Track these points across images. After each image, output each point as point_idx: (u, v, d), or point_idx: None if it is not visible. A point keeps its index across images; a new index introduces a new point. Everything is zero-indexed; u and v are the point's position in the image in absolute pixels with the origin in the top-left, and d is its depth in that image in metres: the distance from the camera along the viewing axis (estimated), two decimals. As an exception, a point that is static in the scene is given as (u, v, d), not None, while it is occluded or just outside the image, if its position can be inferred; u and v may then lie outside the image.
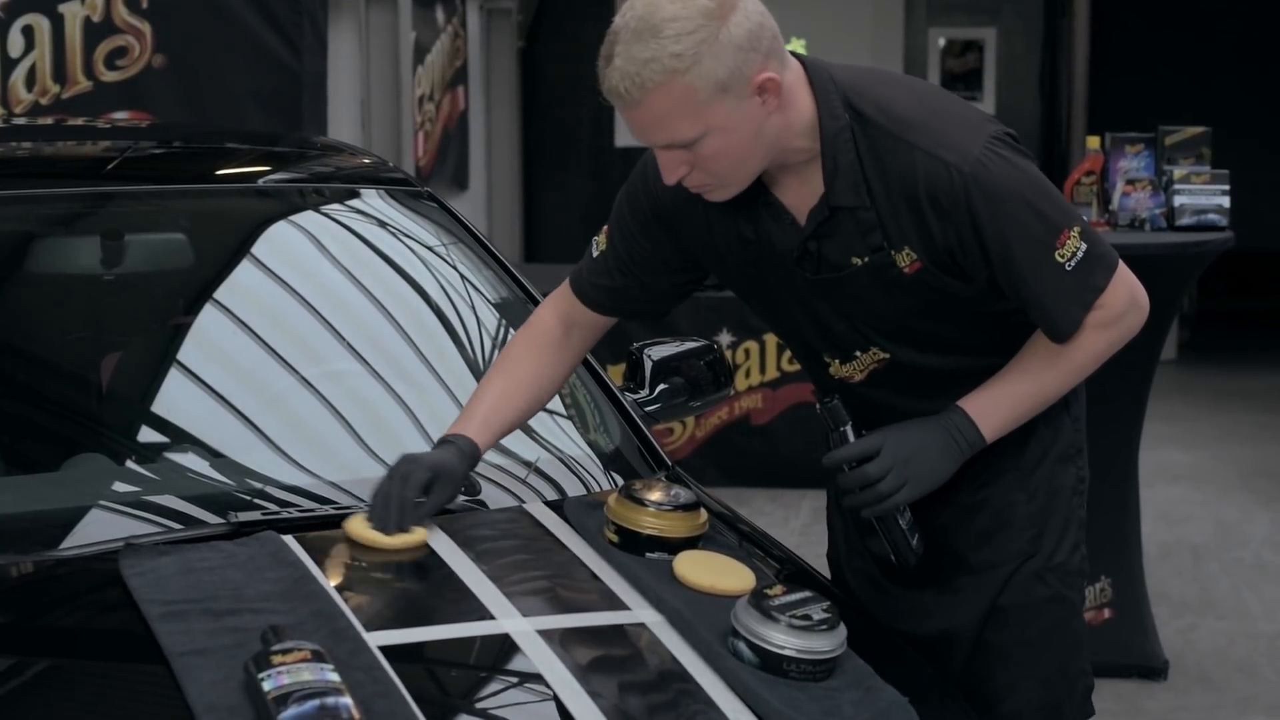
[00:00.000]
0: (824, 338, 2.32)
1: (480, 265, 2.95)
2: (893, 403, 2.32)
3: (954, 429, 2.25)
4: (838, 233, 2.20)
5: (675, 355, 3.00)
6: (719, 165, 2.12)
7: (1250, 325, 11.38)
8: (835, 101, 2.17)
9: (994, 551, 2.38)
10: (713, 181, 2.16)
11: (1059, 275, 2.17)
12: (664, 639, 2.00)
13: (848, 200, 2.18)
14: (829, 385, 2.38)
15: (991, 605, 2.38)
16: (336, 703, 1.70)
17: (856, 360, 2.31)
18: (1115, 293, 2.23)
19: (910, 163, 2.14)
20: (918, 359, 2.30)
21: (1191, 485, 6.88)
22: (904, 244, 2.18)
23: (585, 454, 2.61)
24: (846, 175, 2.17)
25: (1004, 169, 2.15)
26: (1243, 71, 12.42)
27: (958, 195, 2.13)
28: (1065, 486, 2.41)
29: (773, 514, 6.20)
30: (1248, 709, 4.44)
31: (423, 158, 8.19)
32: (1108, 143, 4.66)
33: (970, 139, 2.16)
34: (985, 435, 2.26)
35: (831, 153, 2.16)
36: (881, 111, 2.17)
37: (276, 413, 2.58)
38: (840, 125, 2.16)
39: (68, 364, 2.71)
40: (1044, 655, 2.39)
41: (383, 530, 2.16)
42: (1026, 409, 2.29)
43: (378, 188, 3.01)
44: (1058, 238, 2.17)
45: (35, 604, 2.13)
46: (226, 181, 3.04)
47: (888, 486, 2.23)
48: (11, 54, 5.65)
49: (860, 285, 2.22)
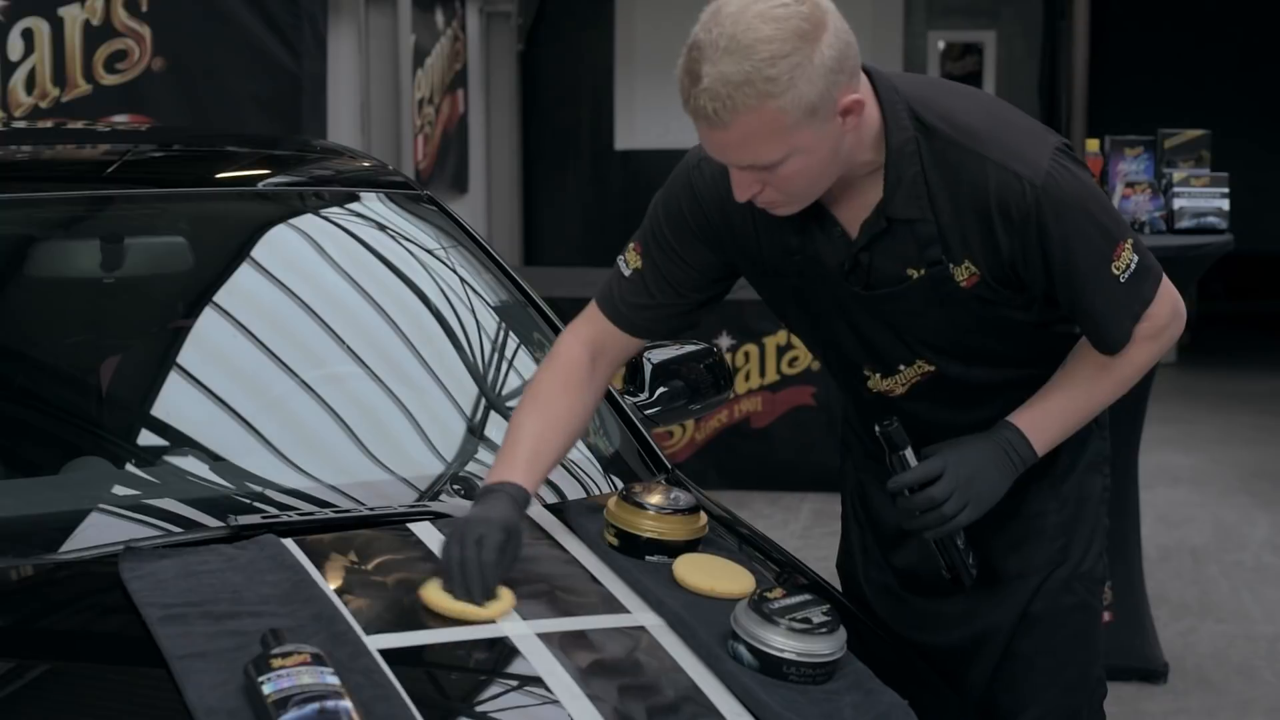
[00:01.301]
0: (867, 351, 2.29)
1: (479, 268, 2.95)
2: (932, 416, 2.29)
3: (1008, 445, 2.23)
4: (892, 245, 2.17)
5: (675, 358, 2.99)
6: (795, 184, 2.08)
7: (1250, 328, 11.39)
8: (902, 113, 2.13)
9: (1022, 561, 2.37)
10: (783, 199, 2.11)
11: (1114, 287, 2.17)
12: (664, 642, 2.00)
13: (908, 213, 2.14)
14: (865, 399, 2.34)
15: (1021, 614, 2.37)
16: (336, 706, 1.70)
17: (899, 374, 2.28)
18: (1160, 304, 2.23)
19: (982, 175, 2.11)
20: (963, 372, 2.27)
21: (1191, 488, 6.88)
22: (964, 257, 2.15)
23: (585, 457, 2.61)
24: (909, 188, 2.13)
25: (1071, 182, 2.14)
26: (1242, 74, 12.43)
27: (1029, 209, 2.10)
28: (1093, 495, 2.42)
29: (772, 517, 6.20)
30: (1247, 711, 4.44)
31: (422, 161, 8.20)
32: (1107, 145, 4.66)
33: (1038, 151, 2.13)
34: (1037, 450, 2.24)
35: (896, 165, 2.12)
36: (948, 122, 2.13)
37: (276, 416, 2.58)
38: (906, 137, 2.12)
39: (67, 367, 2.71)
40: (1068, 663, 2.39)
41: (469, 599, 2.00)
42: (1075, 422, 2.28)
43: (377, 191, 3.01)
44: (1114, 249, 2.16)
45: (35, 607, 2.12)
46: (226, 185, 3.04)
47: (951, 509, 2.19)
48: (11, 57, 5.65)
49: (915, 300, 2.19)
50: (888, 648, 2.27)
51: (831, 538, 2.69)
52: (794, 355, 6.58)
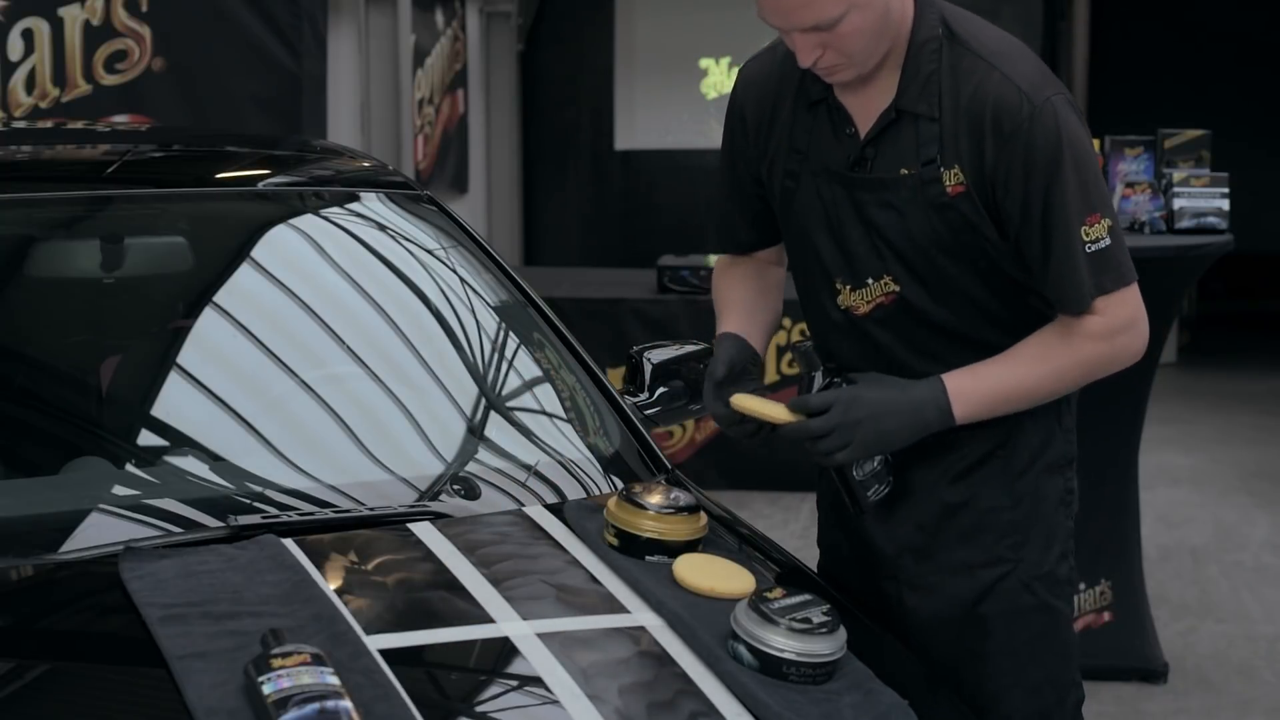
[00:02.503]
0: (842, 256, 2.35)
1: (480, 268, 2.95)
2: (891, 349, 2.34)
3: (926, 399, 2.25)
4: (895, 140, 2.27)
5: (675, 358, 3.00)
6: (854, 44, 2.19)
7: (1250, 328, 11.39)
8: (933, 16, 2.27)
9: (970, 552, 2.39)
10: (843, 61, 2.22)
11: (1078, 249, 2.20)
12: (664, 642, 2.00)
13: (917, 107, 2.25)
14: (834, 318, 2.39)
15: (969, 610, 2.38)
16: (336, 706, 1.70)
17: (867, 288, 2.33)
18: (1121, 308, 2.24)
19: (986, 81, 2.22)
20: (926, 304, 2.31)
21: (1191, 488, 6.88)
22: (955, 163, 2.23)
23: (585, 457, 2.61)
24: (923, 83, 2.24)
25: (1067, 120, 2.21)
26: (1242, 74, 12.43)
27: (1021, 123, 2.18)
28: (1051, 496, 2.42)
29: (772, 517, 6.20)
30: (1247, 711, 4.44)
31: (422, 161, 8.20)
32: (1107, 145, 4.66)
33: (1046, 84, 2.24)
34: (956, 413, 2.26)
35: (916, 57, 2.25)
36: (973, 36, 2.27)
37: (276, 416, 2.58)
38: (932, 35, 2.25)
39: (67, 367, 2.71)
40: (1031, 664, 2.39)
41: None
42: (1005, 400, 2.29)
43: (377, 191, 3.01)
44: (1089, 215, 2.20)
45: (35, 607, 2.12)
46: (226, 185, 3.03)
47: (827, 445, 2.25)
48: (11, 57, 5.65)
49: (900, 197, 2.26)
50: (888, 648, 2.27)
51: (831, 538, 2.70)
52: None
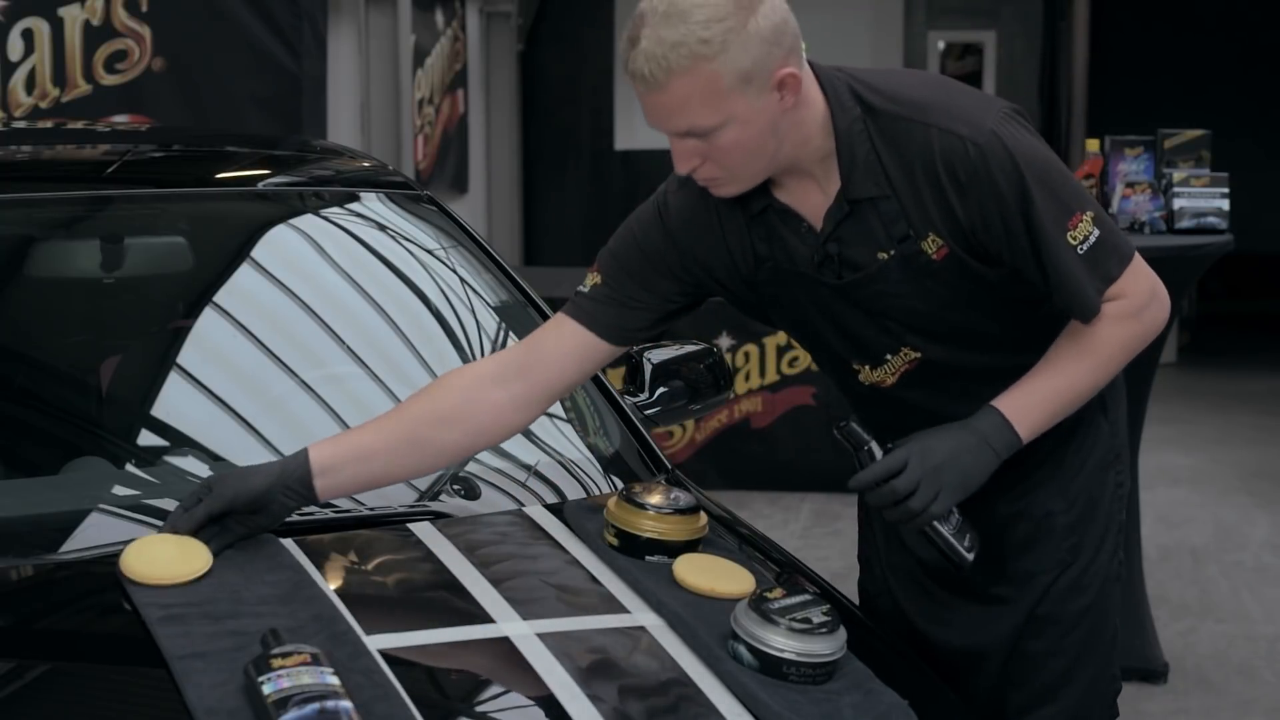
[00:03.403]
0: (852, 345, 2.29)
1: (479, 268, 2.95)
2: (928, 404, 2.28)
3: (986, 431, 2.20)
4: (859, 230, 2.19)
5: (675, 358, 3.00)
6: (732, 158, 2.11)
7: (1250, 328, 11.39)
8: (845, 96, 2.16)
9: (1033, 561, 2.36)
10: (724, 175, 2.14)
11: (1072, 256, 2.15)
12: (664, 642, 2.00)
13: (867, 191, 2.16)
14: (860, 392, 2.34)
15: (1029, 615, 2.36)
16: (336, 706, 1.70)
17: (887, 364, 2.28)
18: (1135, 283, 2.20)
19: (926, 141, 2.13)
20: (950, 357, 2.26)
21: (1191, 488, 6.88)
22: (928, 230, 2.16)
23: (585, 457, 2.61)
24: (864, 167, 2.16)
25: (1018, 141, 2.14)
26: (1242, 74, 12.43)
27: (976, 168, 2.11)
28: (1105, 494, 2.39)
29: (772, 517, 6.20)
30: (1247, 712, 4.44)
31: (422, 161, 8.20)
32: (1107, 145, 4.67)
33: (983, 114, 2.15)
34: (1021, 434, 2.21)
35: (848, 145, 2.15)
36: (889, 99, 2.16)
37: (276, 416, 2.59)
38: (853, 117, 2.16)
39: (67, 367, 2.71)
40: (1079, 664, 2.37)
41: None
42: (1060, 405, 2.24)
43: (377, 191, 3.01)
44: (1070, 218, 2.15)
45: (35, 608, 2.12)
46: (226, 185, 3.04)
47: (920, 501, 2.16)
48: (11, 57, 5.65)
49: (890, 280, 2.20)
50: (888, 648, 2.27)
51: (831, 537, 2.70)
52: (794, 355, 6.58)
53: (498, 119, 10.35)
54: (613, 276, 2.30)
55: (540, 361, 2.28)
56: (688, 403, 3.00)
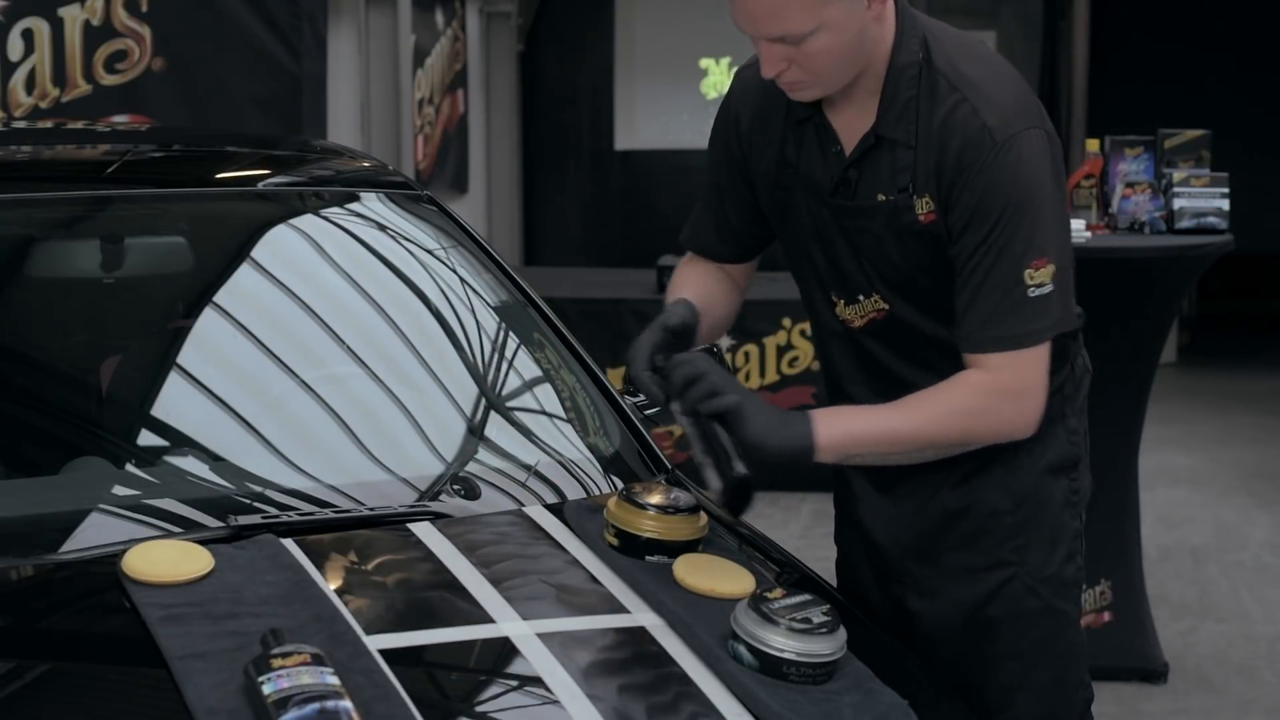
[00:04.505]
0: (835, 274, 2.34)
1: (480, 269, 2.95)
2: (885, 360, 2.34)
3: (793, 419, 2.22)
4: (874, 166, 2.24)
5: (675, 358, 2.99)
6: (820, 63, 2.16)
7: (1250, 328, 11.39)
8: (914, 40, 2.22)
9: (974, 556, 2.39)
10: (808, 79, 2.19)
11: (1016, 290, 2.15)
12: (664, 642, 2.00)
13: (894, 133, 2.22)
14: (832, 328, 2.40)
15: (975, 613, 2.38)
16: (336, 706, 1.70)
17: (859, 304, 2.33)
18: (1014, 369, 2.19)
19: (955, 111, 2.18)
20: (915, 319, 2.30)
21: (1191, 488, 6.88)
22: (925, 191, 2.21)
23: (585, 457, 2.61)
24: (902, 109, 2.21)
25: (1033, 159, 2.16)
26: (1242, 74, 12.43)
27: (982, 159, 2.14)
28: (1055, 498, 2.40)
29: (772, 517, 6.20)
30: (1247, 712, 4.44)
31: (422, 161, 8.20)
32: (1107, 145, 4.66)
33: (1018, 116, 2.18)
34: (819, 444, 2.21)
35: (894, 83, 2.21)
36: (951, 62, 2.21)
37: (276, 416, 2.58)
38: (911, 60, 2.21)
39: (67, 367, 2.71)
40: (1037, 667, 2.39)
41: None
42: (873, 441, 2.25)
43: (377, 191, 3.01)
44: (1039, 258, 2.15)
45: (35, 607, 2.12)
46: (226, 185, 3.04)
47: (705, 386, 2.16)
48: (11, 57, 5.65)
49: (878, 224, 2.25)
50: (888, 648, 2.27)
51: (831, 538, 2.70)
52: (794, 355, 6.58)
53: (498, 119, 10.35)
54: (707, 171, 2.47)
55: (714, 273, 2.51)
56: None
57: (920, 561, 2.41)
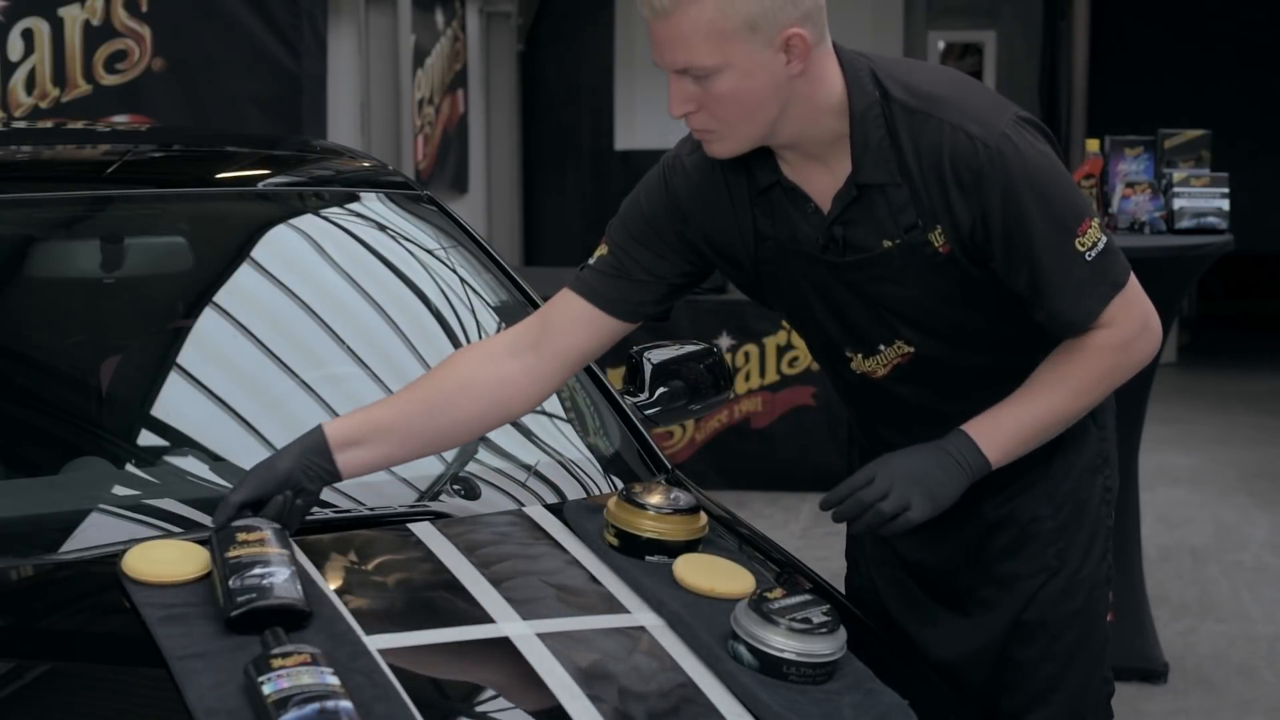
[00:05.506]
0: (846, 331, 2.28)
1: (479, 268, 2.95)
2: (917, 399, 2.28)
3: (956, 451, 2.19)
4: (866, 215, 2.17)
5: (675, 358, 2.99)
6: (727, 110, 2.09)
7: (1250, 328, 11.39)
8: (865, 78, 2.15)
9: (1019, 565, 2.35)
10: (716, 128, 2.12)
11: (1079, 264, 2.13)
12: (664, 642, 2.00)
13: (878, 177, 2.15)
14: (850, 381, 2.33)
15: (1016, 620, 2.35)
16: (336, 706, 1.70)
17: (880, 354, 2.27)
18: (1127, 312, 2.18)
19: (936, 136, 2.12)
20: (944, 354, 2.25)
21: (1191, 488, 6.88)
22: (936, 223, 2.15)
23: (585, 457, 2.61)
24: (877, 152, 2.14)
25: (1028, 148, 2.13)
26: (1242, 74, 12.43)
27: (981, 168, 2.10)
28: (1092, 498, 2.38)
29: (772, 517, 6.20)
30: (1247, 712, 4.44)
31: (422, 161, 8.20)
32: (1107, 145, 4.66)
33: (995, 115, 2.14)
34: (990, 458, 2.19)
35: (862, 129, 2.14)
36: (908, 89, 2.15)
37: (276, 416, 2.58)
38: (870, 101, 2.14)
39: (67, 367, 2.71)
40: (1070, 669, 2.37)
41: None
42: (1033, 434, 2.22)
43: (377, 191, 3.01)
44: (1080, 224, 2.13)
45: (35, 607, 2.12)
46: (226, 185, 3.04)
47: (890, 506, 2.16)
48: (11, 57, 5.65)
49: (892, 268, 2.18)
50: (888, 648, 2.27)
51: (832, 538, 2.70)
52: (794, 355, 6.58)
53: (498, 119, 10.35)
54: (620, 246, 2.29)
55: (551, 335, 2.28)
56: (688, 403, 2.99)
57: (967, 575, 2.37)
